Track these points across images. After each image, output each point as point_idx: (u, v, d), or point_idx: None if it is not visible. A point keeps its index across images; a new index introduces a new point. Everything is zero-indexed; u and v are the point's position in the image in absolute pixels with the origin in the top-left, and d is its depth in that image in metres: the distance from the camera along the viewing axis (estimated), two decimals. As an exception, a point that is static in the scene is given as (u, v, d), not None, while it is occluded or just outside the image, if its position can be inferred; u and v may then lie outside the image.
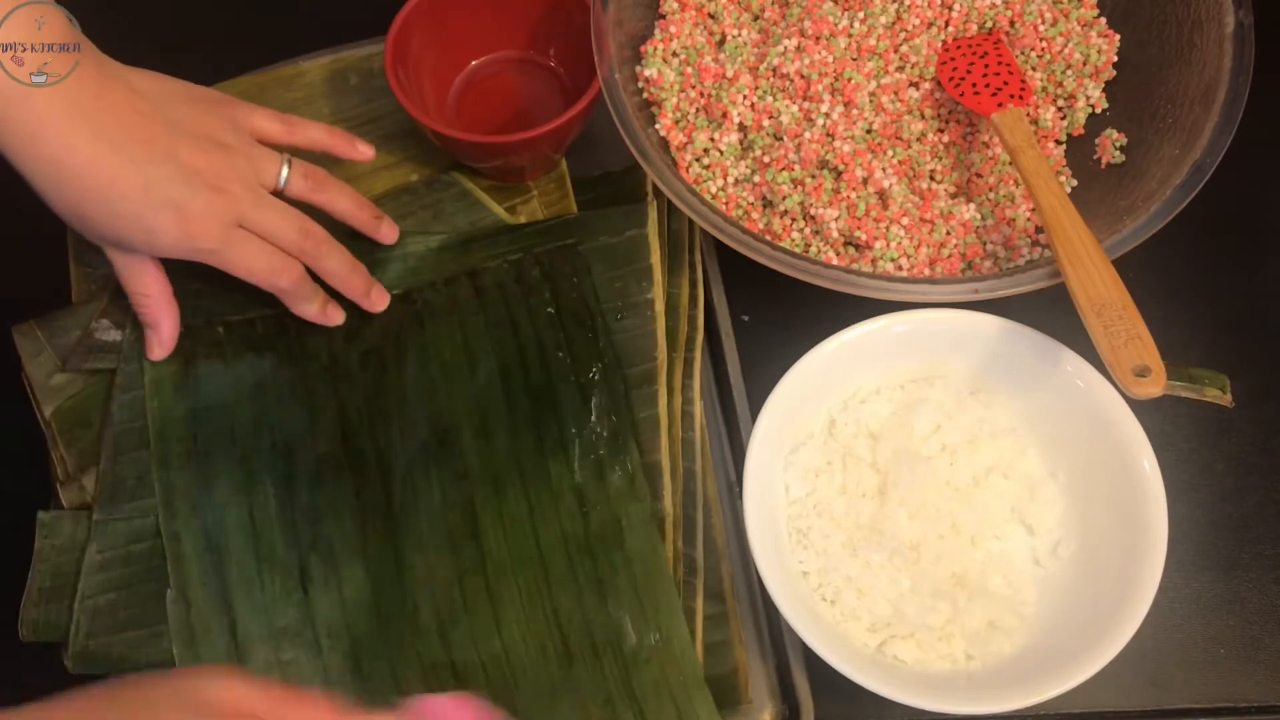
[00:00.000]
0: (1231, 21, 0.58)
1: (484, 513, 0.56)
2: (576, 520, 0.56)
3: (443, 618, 0.54)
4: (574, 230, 0.63)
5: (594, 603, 0.54)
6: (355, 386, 0.60)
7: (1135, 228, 0.54)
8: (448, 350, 0.60)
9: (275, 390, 0.60)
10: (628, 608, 0.54)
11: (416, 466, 0.57)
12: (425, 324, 0.61)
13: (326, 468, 0.58)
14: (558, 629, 0.54)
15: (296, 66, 0.71)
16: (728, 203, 0.63)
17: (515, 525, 0.56)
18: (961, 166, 0.64)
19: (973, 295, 0.54)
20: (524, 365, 0.59)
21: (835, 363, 0.56)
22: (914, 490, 0.54)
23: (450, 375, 0.60)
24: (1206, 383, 0.55)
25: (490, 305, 0.61)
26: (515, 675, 0.53)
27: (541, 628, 0.54)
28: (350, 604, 0.55)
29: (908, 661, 0.52)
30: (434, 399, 0.59)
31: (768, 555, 0.51)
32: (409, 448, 0.58)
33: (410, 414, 0.59)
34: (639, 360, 0.59)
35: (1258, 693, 0.56)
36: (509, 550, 0.55)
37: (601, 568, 0.55)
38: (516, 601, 0.55)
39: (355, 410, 0.59)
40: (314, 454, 0.58)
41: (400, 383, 0.60)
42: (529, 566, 0.55)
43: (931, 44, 0.65)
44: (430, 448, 0.58)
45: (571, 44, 0.67)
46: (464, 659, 0.54)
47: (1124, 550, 0.51)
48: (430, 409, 0.59)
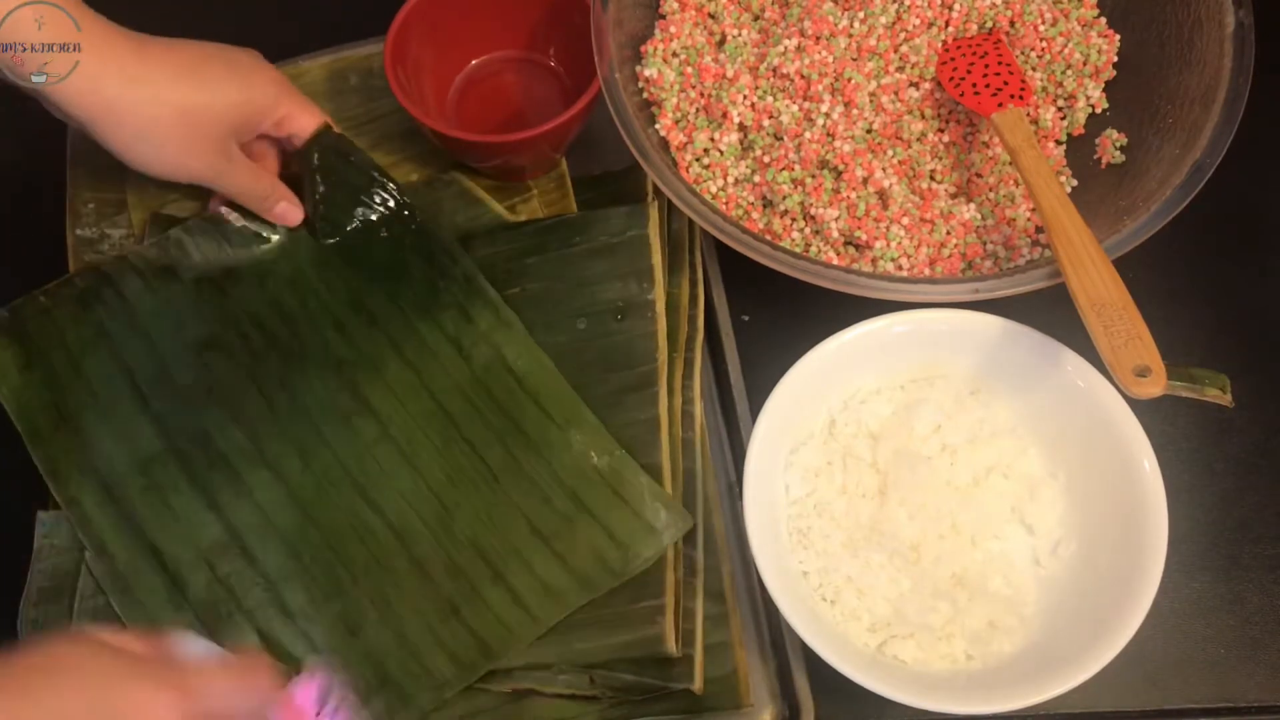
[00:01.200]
0: (1231, 21, 0.58)
1: (371, 389, 0.59)
2: (460, 365, 0.60)
3: (365, 486, 0.57)
4: (574, 229, 0.63)
5: (503, 424, 0.58)
6: (195, 316, 0.61)
7: (1135, 228, 0.54)
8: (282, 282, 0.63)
9: (116, 337, 0.61)
10: (535, 418, 0.58)
11: (290, 370, 0.60)
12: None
13: (195, 394, 0.59)
14: (478, 459, 0.57)
15: (296, 66, 0.71)
16: (728, 203, 0.63)
17: (406, 390, 0.59)
18: (962, 166, 0.64)
19: (973, 295, 0.54)
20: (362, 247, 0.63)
21: (835, 363, 0.56)
22: (914, 490, 0.54)
23: (294, 291, 0.62)
24: (1207, 383, 0.55)
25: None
26: (450, 511, 0.57)
27: (463, 462, 0.57)
28: (267, 505, 0.57)
29: (908, 662, 0.52)
30: (283, 310, 0.62)
31: (768, 555, 0.51)
32: (272, 358, 0.60)
33: (263, 331, 0.61)
34: (639, 361, 0.59)
35: (1258, 693, 0.56)
36: (408, 411, 0.59)
37: (498, 394, 0.59)
38: (431, 448, 0.58)
39: (204, 338, 0.61)
40: (176, 385, 0.60)
41: (244, 304, 0.62)
42: (433, 419, 0.59)
43: (931, 44, 0.65)
44: (294, 351, 0.60)
45: (571, 44, 0.67)
46: (398, 515, 0.56)
47: (1124, 550, 0.51)
48: (281, 320, 0.61)
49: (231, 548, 0.56)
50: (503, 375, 0.59)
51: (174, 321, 0.61)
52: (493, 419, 0.58)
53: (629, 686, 0.53)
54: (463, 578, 0.55)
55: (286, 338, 0.61)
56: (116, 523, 0.57)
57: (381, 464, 0.58)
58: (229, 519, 0.57)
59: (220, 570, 0.56)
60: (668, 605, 0.54)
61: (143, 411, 0.59)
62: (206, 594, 0.55)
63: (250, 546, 0.56)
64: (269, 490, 0.57)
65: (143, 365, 0.60)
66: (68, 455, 0.58)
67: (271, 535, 0.56)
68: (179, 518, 0.57)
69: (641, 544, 0.55)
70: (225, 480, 0.57)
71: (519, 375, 0.59)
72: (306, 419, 0.59)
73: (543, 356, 0.59)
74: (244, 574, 0.55)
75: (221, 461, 0.58)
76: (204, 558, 0.56)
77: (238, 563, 0.56)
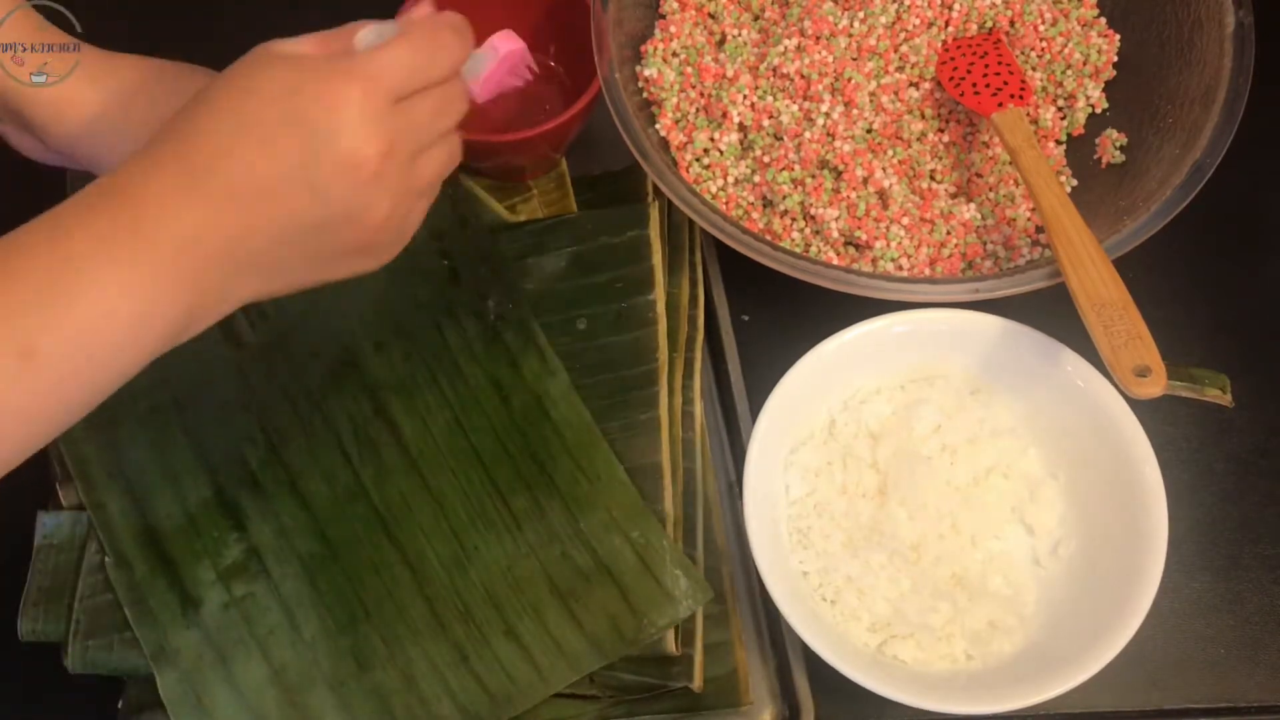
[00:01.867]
0: (1231, 21, 0.58)
1: (404, 418, 0.58)
2: (498, 406, 0.58)
3: (386, 519, 0.56)
4: (574, 229, 0.63)
5: (533, 472, 0.56)
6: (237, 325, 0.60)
7: (1135, 228, 0.54)
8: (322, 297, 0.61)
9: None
10: (564, 470, 0.56)
11: (325, 392, 0.59)
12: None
13: (232, 410, 0.59)
14: (502, 503, 0.56)
15: (296, 66, 0.71)
16: (728, 202, 0.63)
17: (439, 424, 0.58)
18: (962, 166, 0.64)
19: (973, 295, 0.54)
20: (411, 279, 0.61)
21: (835, 363, 0.56)
22: (914, 490, 0.54)
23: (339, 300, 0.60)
24: (1207, 383, 0.55)
25: None
26: (468, 553, 0.55)
27: (487, 505, 0.56)
28: (290, 530, 0.56)
29: (908, 661, 0.52)
30: (327, 325, 0.60)
31: (768, 555, 0.51)
32: (310, 378, 0.59)
33: (305, 346, 0.60)
34: (640, 361, 0.59)
35: (1258, 693, 0.56)
36: (439, 446, 0.57)
37: (532, 441, 0.57)
38: (456, 488, 0.56)
39: (247, 351, 0.60)
40: (215, 400, 0.59)
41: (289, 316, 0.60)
42: (462, 456, 0.57)
43: (931, 44, 0.65)
44: (334, 371, 0.59)
45: (571, 44, 0.67)
46: (415, 551, 0.55)
47: (1124, 550, 0.51)
48: (324, 337, 0.60)
49: (249, 569, 0.55)
50: (540, 423, 0.57)
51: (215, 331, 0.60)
52: (523, 466, 0.57)
53: (628, 685, 0.53)
54: (474, 626, 0.54)
55: (326, 355, 0.60)
56: (139, 533, 0.56)
57: (405, 497, 0.56)
58: (251, 539, 0.56)
59: (236, 592, 0.55)
60: (667, 605, 0.54)
61: (177, 423, 0.58)
62: (221, 616, 0.54)
63: (270, 570, 0.55)
64: (293, 513, 0.56)
65: (182, 374, 0.59)
66: (99, 460, 0.58)
67: (291, 559, 0.55)
68: (202, 535, 0.56)
69: (658, 613, 0.53)
70: (252, 499, 0.56)
71: (556, 425, 0.57)
72: (337, 443, 0.57)
73: (583, 410, 0.57)
74: (260, 598, 0.55)
75: (250, 480, 0.57)
76: (224, 578, 0.55)
77: (255, 585, 0.55)
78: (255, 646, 0.54)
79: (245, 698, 0.53)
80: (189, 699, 0.53)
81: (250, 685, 0.53)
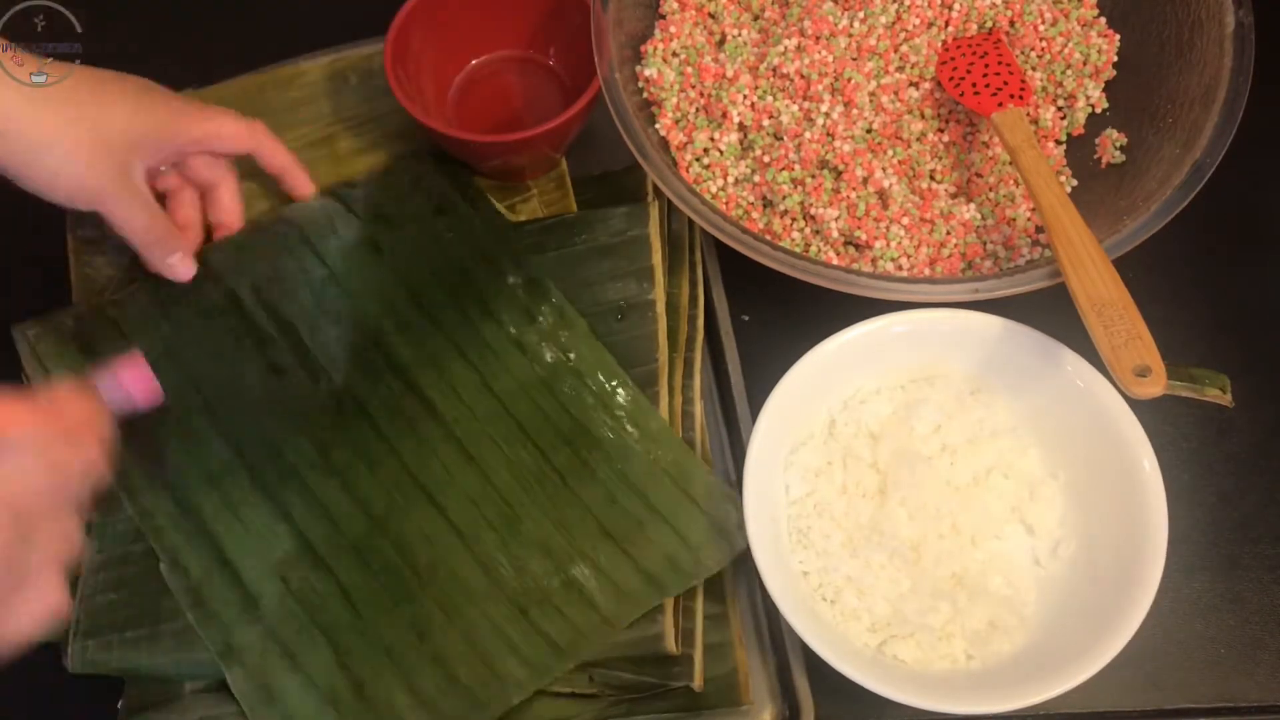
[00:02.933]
0: (1231, 21, 0.58)
1: (434, 391, 0.59)
2: (525, 365, 0.59)
3: (431, 491, 0.57)
4: (574, 229, 0.63)
5: (570, 425, 0.58)
6: (259, 323, 0.61)
7: (1135, 227, 0.54)
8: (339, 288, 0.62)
9: (183, 351, 0.61)
10: (599, 419, 0.57)
11: (353, 374, 0.59)
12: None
13: (265, 403, 0.59)
14: (544, 460, 0.57)
15: (296, 66, 0.71)
16: (728, 202, 0.63)
17: (469, 391, 0.59)
18: (961, 166, 0.64)
19: (973, 295, 0.54)
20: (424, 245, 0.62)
21: (835, 363, 0.56)
22: (914, 490, 0.54)
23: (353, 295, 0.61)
24: (1207, 382, 0.55)
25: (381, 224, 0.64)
26: (517, 511, 0.56)
27: (529, 463, 0.57)
28: (337, 516, 0.56)
29: (908, 661, 0.52)
30: (347, 313, 0.61)
31: (768, 555, 0.51)
32: (339, 361, 0.60)
33: (329, 336, 0.60)
34: (640, 362, 0.59)
35: (1258, 693, 0.56)
36: (473, 413, 0.58)
37: (562, 394, 0.58)
38: (496, 450, 0.57)
39: (273, 346, 0.60)
40: (246, 399, 0.59)
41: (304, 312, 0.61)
42: (498, 421, 0.58)
43: (931, 44, 0.65)
44: (360, 356, 0.60)
45: (571, 44, 0.67)
46: (463, 518, 0.56)
47: (1124, 550, 0.51)
48: (346, 325, 0.61)
49: (304, 560, 0.55)
50: (567, 375, 0.59)
51: (238, 332, 0.61)
52: (559, 420, 0.58)
53: (628, 685, 0.53)
54: (531, 579, 0.54)
55: (350, 344, 0.60)
56: (190, 536, 0.56)
57: (447, 467, 0.57)
58: (301, 531, 0.56)
59: (293, 583, 0.55)
60: (667, 603, 0.54)
61: (211, 423, 0.59)
62: (280, 607, 0.54)
63: (323, 557, 0.55)
64: (338, 501, 0.56)
65: (210, 377, 0.60)
66: (139, 465, 0.58)
67: (342, 545, 0.56)
68: (251, 531, 0.56)
69: (713, 547, 0.54)
70: (295, 492, 0.57)
71: (583, 375, 0.59)
72: (372, 426, 0.58)
73: (605, 354, 0.59)
74: (316, 586, 0.55)
75: (291, 473, 0.57)
76: (277, 571, 0.55)
77: (310, 574, 0.55)
78: (318, 633, 0.54)
79: (315, 685, 0.53)
80: (260, 693, 0.53)
81: (318, 672, 0.53)
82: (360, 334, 0.60)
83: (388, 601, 0.54)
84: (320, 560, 0.55)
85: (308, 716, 0.52)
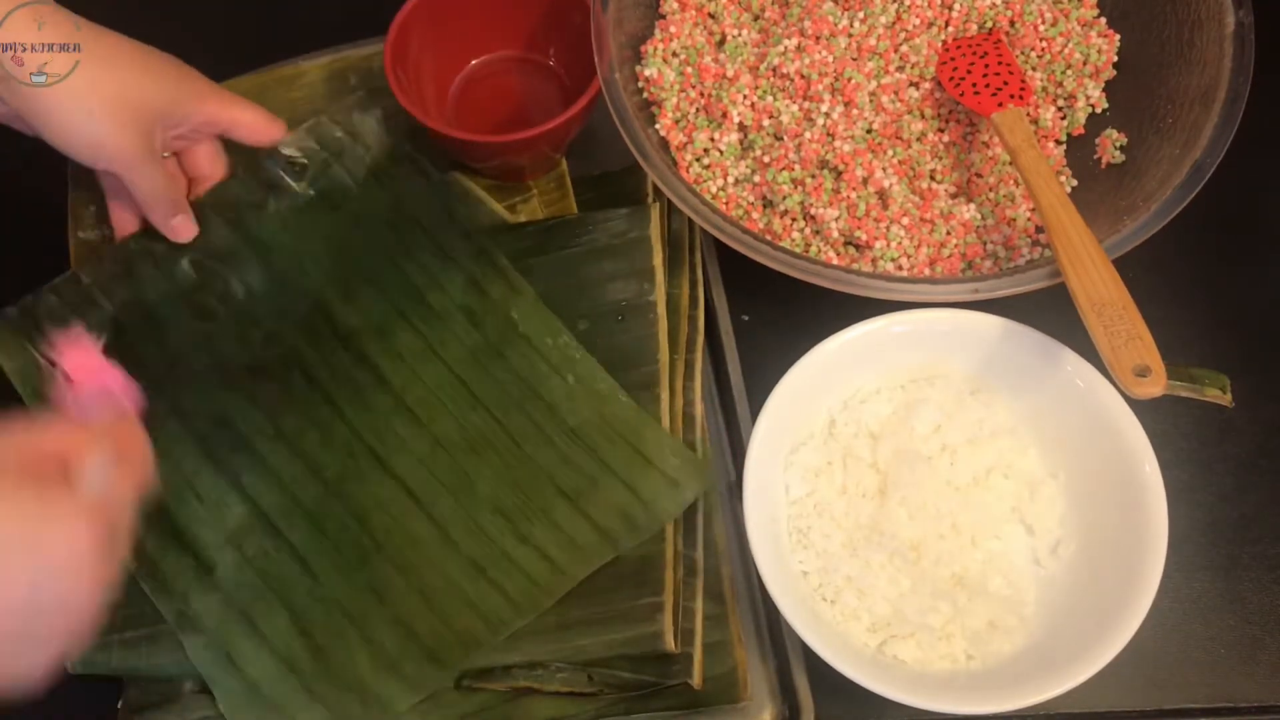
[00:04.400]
0: (1231, 21, 0.58)
1: (381, 358, 0.59)
2: (473, 332, 0.60)
3: (382, 456, 0.57)
4: (575, 230, 0.63)
5: (518, 387, 0.58)
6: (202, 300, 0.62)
7: (1135, 227, 0.54)
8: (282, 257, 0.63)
9: (128, 329, 0.61)
10: (547, 381, 0.58)
11: (300, 344, 0.60)
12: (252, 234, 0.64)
13: (210, 379, 0.60)
14: (496, 423, 0.58)
15: (296, 66, 0.71)
16: (728, 202, 0.63)
17: (418, 358, 0.59)
18: (962, 166, 0.64)
19: (973, 295, 0.54)
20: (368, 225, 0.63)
21: (835, 362, 0.56)
22: (914, 490, 0.54)
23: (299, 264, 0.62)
24: (1207, 383, 0.55)
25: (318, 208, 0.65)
26: (472, 475, 0.57)
27: (482, 427, 0.58)
28: (289, 483, 0.57)
29: (908, 661, 0.52)
30: (289, 285, 0.62)
31: (768, 555, 0.51)
32: (284, 335, 0.60)
33: (274, 308, 0.61)
34: (641, 362, 0.59)
35: (1258, 693, 0.56)
36: (422, 380, 0.59)
37: (511, 358, 0.59)
38: (447, 415, 0.58)
39: (215, 317, 0.61)
40: (192, 373, 0.60)
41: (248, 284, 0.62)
42: (446, 385, 0.59)
43: (932, 44, 0.65)
44: (307, 326, 0.60)
45: (571, 44, 0.67)
46: (417, 481, 0.57)
47: (1124, 550, 0.51)
48: (291, 296, 0.61)
49: (257, 527, 0.56)
50: (515, 340, 0.59)
51: (182, 308, 0.62)
52: (509, 384, 0.59)
53: (627, 683, 0.53)
54: (486, 539, 0.55)
55: (295, 314, 0.61)
56: (143, 508, 0.56)
57: (398, 432, 0.58)
58: (254, 500, 0.57)
59: (248, 551, 0.56)
60: (666, 602, 0.54)
61: (160, 398, 0.59)
62: (236, 574, 0.55)
63: (277, 525, 0.56)
64: (291, 468, 0.57)
65: (154, 354, 0.60)
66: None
67: (296, 512, 0.57)
68: (204, 501, 0.57)
69: (666, 499, 0.55)
70: (248, 462, 0.58)
71: (530, 339, 0.59)
72: (321, 393, 0.59)
73: (551, 318, 0.59)
74: (271, 553, 0.56)
75: (243, 443, 0.58)
76: (233, 540, 0.56)
77: (265, 542, 0.56)
78: (275, 599, 0.55)
79: (274, 649, 0.54)
80: (219, 660, 0.54)
81: (276, 636, 0.54)
82: (306, 302, 0.61)
83: (344, 566, 0.55)
84: (274, 527, 0.56)
85: (268, 681, 0.53)
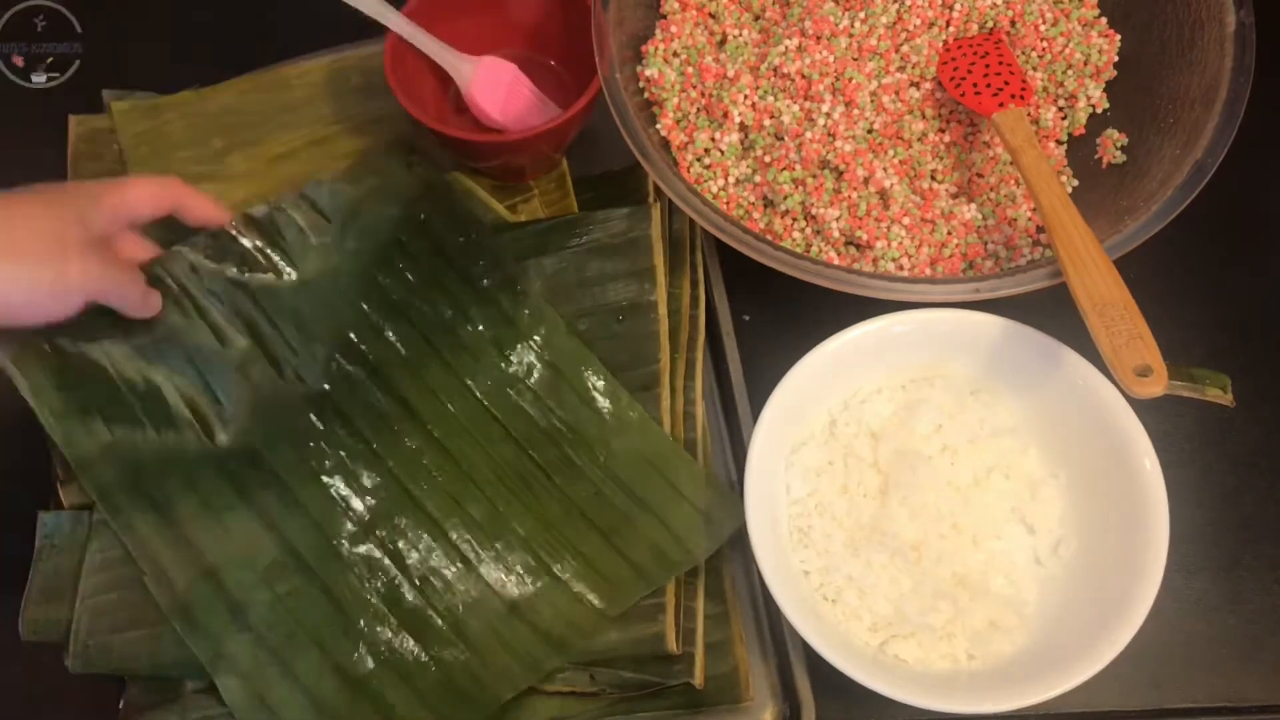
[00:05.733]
0: (1232, 21, 0.58)
1: (412, 394, 0.59)
2: (503, 365, 0.59)
3: (416, 494, 0.57)
4: (576, 230, 0.63)
5: (549, 420, 0.58)
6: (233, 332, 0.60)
7: (1136, 227, 0.54)
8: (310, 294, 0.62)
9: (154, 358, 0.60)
10: (581, 411, 0.58)
11: (331, 381, 0.59)
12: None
13: (240, 411, 0.59)
14: (526, 456, 0.57)
15: (296, 66, 0.71)
16: (729, 202, 0.63)
17: (448, 393, 0.59)
18: (962, 166, 0.64)
19: (974, 295, 0.54)
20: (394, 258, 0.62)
21: (836, 362, 0.56)
22: (915, 490, 0.54)
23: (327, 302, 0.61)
24: (1208, 382, 0.55)
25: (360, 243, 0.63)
26: (500, 509, 0.56)
27: (512, 460, 0.57)
28: (321, 519, 0.56)
29: (909, 661, 0.52)
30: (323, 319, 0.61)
31: (769, 555, 0.51)
32: (313, 371, 0.60)
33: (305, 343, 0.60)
34: (642, 362, 0.59)
35: (1258, 693, 0.56)
36: (453, 414, 0.58)
37: (542, 391, 0.59)
38: (479, 450, 0.58)
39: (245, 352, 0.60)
40: (220, 405, 0.59)
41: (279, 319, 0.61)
42: (478, 420, 0.58)
43: (932, 44, 0.65)
44: (336, 357, 0.60)
45: (571, 44, 0.67)
46: (449, 519, 0.56)
47: (1125, 550, 0.51)
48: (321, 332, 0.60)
49: (289, 566, 0.55)
50: (546, 372, 0.59)
51: (211, 339, 0.60)
52: (540, 418, 0.58)
53: (629, 683, 0.53)
54: (519, 577, 0.55)
55: (324, 347, 0.60)
56: (174, 547, 0.56)
57: (429, 468, 0.57)
58: (285, 537, 0.56)
59: (280, 589, 0.55)
60: (668, 603, 0.54)
61: (188, 431, 0.58)
62: (269, 614, 0.54)
63: (308, 561, 0.55)
64: (322, 506, 0.56)
65: (188, 389, 0.59)
66: (119, 484, 0.57)
67: (325, 548, 0.55)
68: (235, 538, 0.56)
69: (700, 535, 0.55)
70: (278, 498, 0.56)
71: (562, 371, 0.59)
72: (351, 430, 0.58)
73: (581, 348, 0.59)
74: (303, 592, 0.55)
75: (274, 480, 0.57)
76: (265, 579, 0.55)
77: (296, 580, 0.55)
78: (306, 639, 0.54)
79: (307, 690, 0.53)
80: (253, 701, 0.53)
81: (310, 677, 0.53)
82: (334, 338, 0.60)
83: (377, 605, 0.54)
84: (306, 566, 0.55)
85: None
